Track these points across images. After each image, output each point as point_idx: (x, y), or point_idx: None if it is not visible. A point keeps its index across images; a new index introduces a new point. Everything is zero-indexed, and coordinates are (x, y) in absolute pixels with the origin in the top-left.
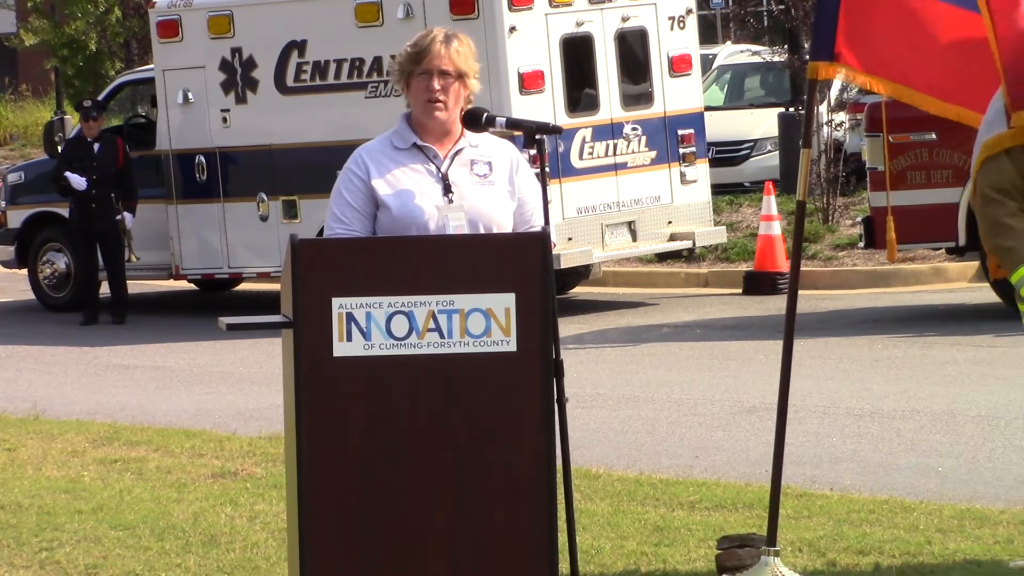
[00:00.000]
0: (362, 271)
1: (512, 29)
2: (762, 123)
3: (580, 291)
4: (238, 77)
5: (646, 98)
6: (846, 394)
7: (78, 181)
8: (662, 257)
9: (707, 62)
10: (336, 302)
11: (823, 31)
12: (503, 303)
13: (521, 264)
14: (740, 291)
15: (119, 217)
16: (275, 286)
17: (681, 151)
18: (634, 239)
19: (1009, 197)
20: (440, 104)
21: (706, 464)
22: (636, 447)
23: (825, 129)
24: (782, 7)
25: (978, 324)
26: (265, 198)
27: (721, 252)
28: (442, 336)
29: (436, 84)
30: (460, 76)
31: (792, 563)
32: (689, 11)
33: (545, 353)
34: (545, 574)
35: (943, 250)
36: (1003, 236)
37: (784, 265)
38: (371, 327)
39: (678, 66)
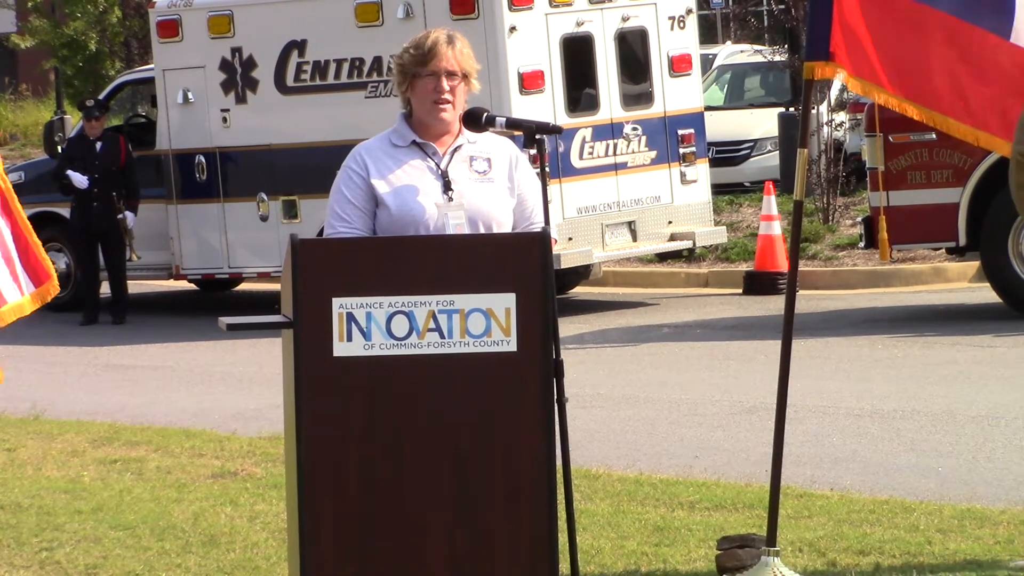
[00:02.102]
0: (362, 271)
1: (512, 29)
2: (762, 123)
3: (580, 291)
4: (238, 77)
5: (646, 98)
6: (846, 394)
7: (79, 179)
8: (662, 257)
9: (707, 62)
10: (336, 302)
11: (818, 31)
12: (503, 303)
13: (521, 264)
14: (740, 291)
15: (121, 216)
16: (275, 286)
17: (681, 151)
18: (634, 239)
19: None
20: (448, 105)
21: (706, 464)
22: (636, 447)
23: (825, 129)
24: (782, 7)
25: (978, 324)
26: (265, 198)
27: (721, 252)
28: (442, 336)
29: (445, 85)
30: (465, 76)
31: (792, 563)
32: (689, 11)
33: (545, 353)
34: (545, 574)
35: (943, 250)
36: None
37: (784, 265)
38: (371, 327)
39: (678, 66)
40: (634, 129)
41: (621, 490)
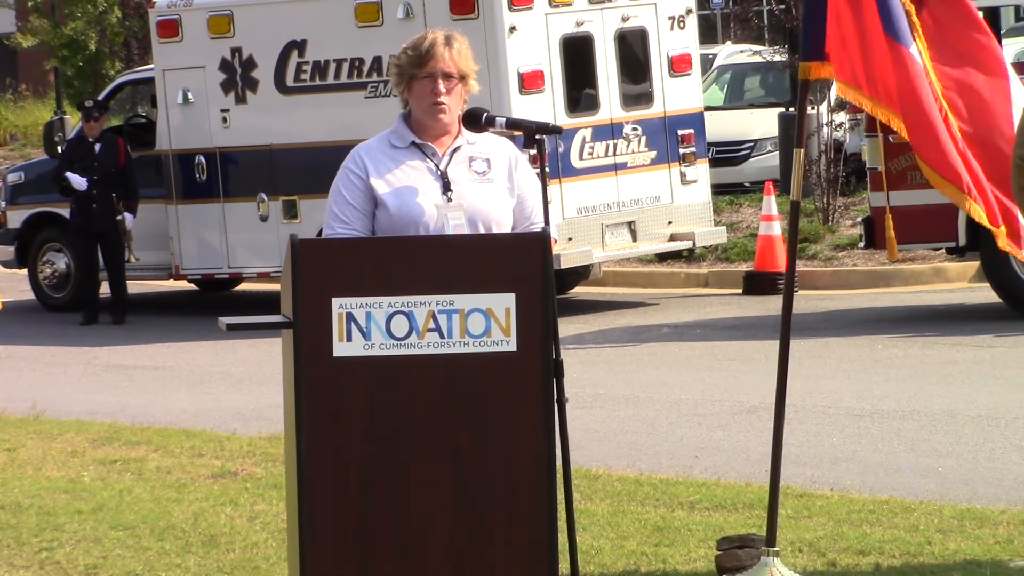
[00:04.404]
0: (362, 271)
1: (512, 29)
2: (762, 123)
3: (580, 291)
4: (238, 77)
5: (646, 98)
6: (846, 394)
7: (79, 181)
8: (662, 257)
9: (707, 62)
10: (336, 302)
11: (814, 31)
12: (503, 303)
13: (521, 264)
14: (740, 291)
15: (120, 217)
16: (275, 286)
17: (681, 151)
18: (634, 239)
19: None
20: (444, 106)
21: (706, 464)
22: (636, 447)
23: (825, 129)
24: (782, 7)
25: (978, 324)
26: (265, 198)
27: (721, 252)
28: (442, 336)
29: (441, 87)
30: (462, 78)
31: (792, 563)
32: (689, 11)
33: (545, 353)
34: (545, 574)
35: (943, 250)
36: None
37: (784, 265)
38: (371, 327)
39: (678, 66)
40: (634, 129)
41: (621, 490)
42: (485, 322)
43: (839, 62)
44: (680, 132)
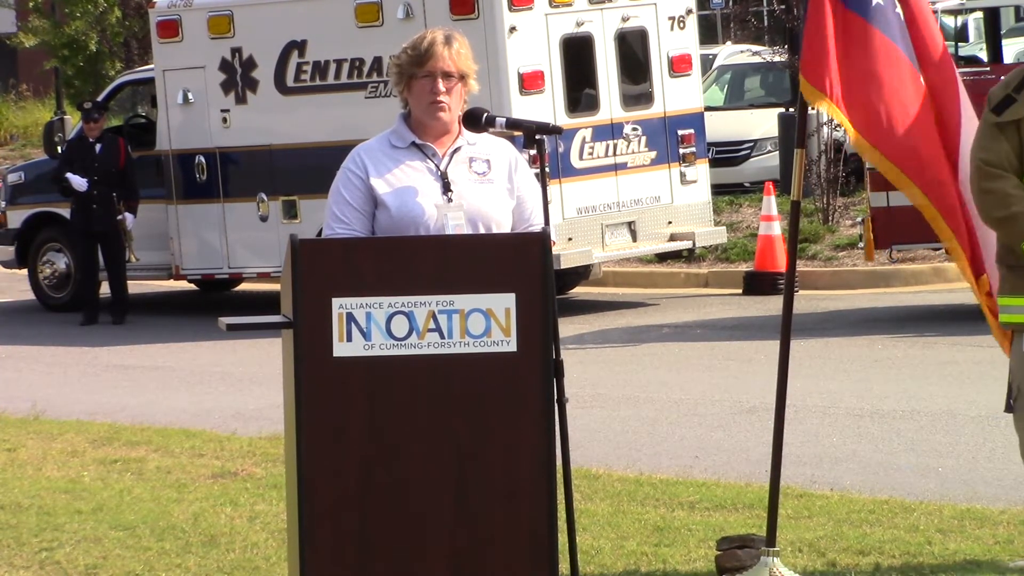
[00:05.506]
0: (362, 271)
1: (512, 29)
2: (762, 123)
3: (580, 291)
4: (238, 77)
5: (646, 98)
6: (846, 394)
7: (79, 182)
8: (662, 257)
9: (707, 62)
10: (336, 302)
11: None
12: (503, 303)
13: (521, 264)
14: (740, 291)
15: (120, 217)
16: (275, 286)
17: (681, 151)
18: (634, 239)
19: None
20: (444, 105)
21: (706, 464)
22: (636, 447)
23: (825, 129)
24: (783, 7)
25: (978, 324)
26: (265, 198)
27: (721, 252)
28: (442, 336)
29: (441, 86)
30: (462, 77)
31: (792, 563)
32: (689, 11)
33: (545, 353)
34: (545, 574)
35: (943, 250)
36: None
37: (784, 265)
38: (371, 327)
39: (678, 66)
40: (634, 129)
41: (621, 490)
42: (485, 322)
43: (806, 60)
44: (680, 132)
